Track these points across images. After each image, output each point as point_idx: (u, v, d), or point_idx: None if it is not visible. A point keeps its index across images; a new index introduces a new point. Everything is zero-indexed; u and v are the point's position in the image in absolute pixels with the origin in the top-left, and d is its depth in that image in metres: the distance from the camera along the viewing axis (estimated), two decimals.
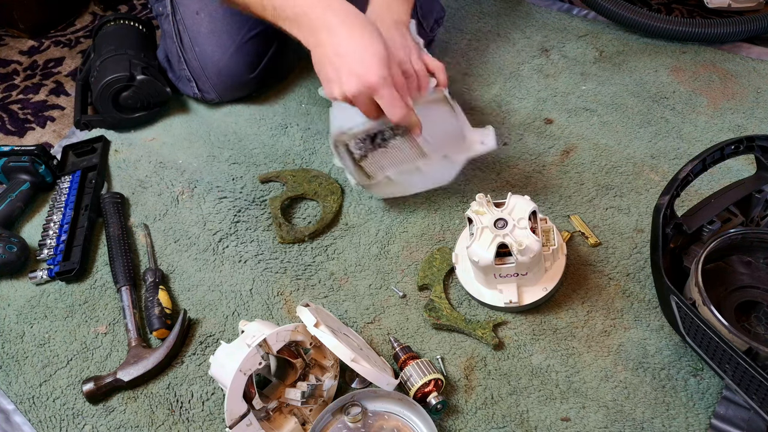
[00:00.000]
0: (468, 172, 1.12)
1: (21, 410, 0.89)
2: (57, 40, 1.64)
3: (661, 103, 1.21)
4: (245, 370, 0.75)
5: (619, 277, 0.95)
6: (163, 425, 0.86)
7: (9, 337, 0.98)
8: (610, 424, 0.80)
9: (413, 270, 0.99)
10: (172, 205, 1.13)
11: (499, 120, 1.20)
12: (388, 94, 0.84)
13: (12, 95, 1.48)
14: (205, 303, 0.99)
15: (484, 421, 0.82)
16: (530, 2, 1.49)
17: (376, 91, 0.84)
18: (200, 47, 1.22)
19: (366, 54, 0.83)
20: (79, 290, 1.03)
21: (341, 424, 0.80)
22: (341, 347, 0.78)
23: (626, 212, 1.03)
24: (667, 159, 1.10)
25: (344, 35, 0.84)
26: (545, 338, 0.89)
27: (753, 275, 0.83)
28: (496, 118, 1.21)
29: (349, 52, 0.84)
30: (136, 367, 0.89)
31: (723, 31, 1.27)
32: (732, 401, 0.76)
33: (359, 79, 0.83)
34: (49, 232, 1.09)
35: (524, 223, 0.86)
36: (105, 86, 1.21)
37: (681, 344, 0.86)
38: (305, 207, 1.11)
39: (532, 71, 1.31)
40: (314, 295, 0.98)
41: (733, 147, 0.83)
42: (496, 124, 1.18)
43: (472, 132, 1.00)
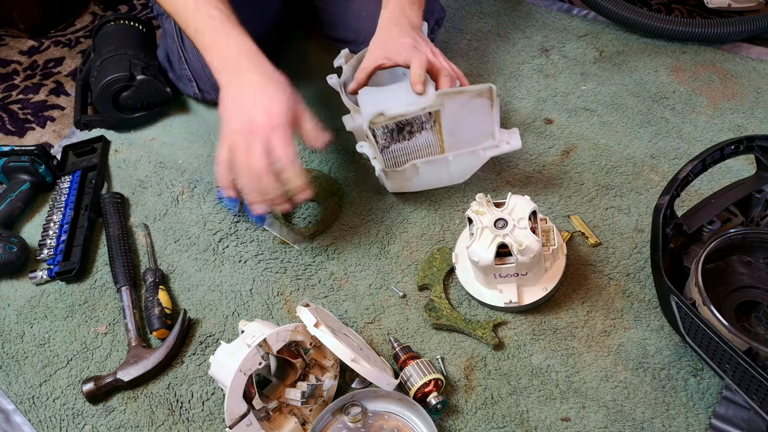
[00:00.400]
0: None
1: (21, 410, 0.89)
2: (57, 40, 1.64)
3: (661, 103, 1.21)
4: (245, 370, 0.75)
5: (619, 277, 0.95)
6: (163, 425, 0.86)
7: (9, 337, 0.98)
8: (610, 424, 0.80)
9: (413, 270, 0.99)
10: (172, 205, 1.14)
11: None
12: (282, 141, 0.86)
13: (12, 95, 1.48)
14: (205, 303, 0.99)
15: (484, 421, 0.82)
16: (530, 2, 1.49)
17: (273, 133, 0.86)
18: None
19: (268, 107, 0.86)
20: (79, 290, 1.03)
21: (341, 424, 0.80)
22: (341, 347, 0.78)
23: (626, 212, 1.03)
24: (667, 159, 1.10)
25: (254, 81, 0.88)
26: (545, 338, 0.89)
27: (753, 275, 0.83)
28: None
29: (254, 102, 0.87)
30: (136, 367, 0.89)
31: (723, 31, 1.27)
32: (732, 401, 0.76)
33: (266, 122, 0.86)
34: (49, 232, 1.09)
35: (524, 223, 0.86)
36: (105, 86, 1.21)
37: (681, 344, 0.86)
38: (305, 207, 1.11)
39: (532, 71, 1.32)
40: (314, 295, 0.98)
41: (733, 147, 0.83)
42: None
43: (499, 131, 1.00)
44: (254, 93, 0.88)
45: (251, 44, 0.93)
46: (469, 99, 0.96)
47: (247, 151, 0.86)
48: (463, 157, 1.02)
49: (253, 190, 0.89)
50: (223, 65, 0.91)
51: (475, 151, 1.02)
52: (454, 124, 0.98)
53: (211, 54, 0.93)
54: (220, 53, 0.92)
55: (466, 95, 0.95)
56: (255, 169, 0.86)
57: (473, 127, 0.99)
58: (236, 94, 0.89)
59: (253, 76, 0.89)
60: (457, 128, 0.99)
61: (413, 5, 1.04)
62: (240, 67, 0.90)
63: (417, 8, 1.05)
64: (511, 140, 1.01)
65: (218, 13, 0.93)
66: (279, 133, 0.86)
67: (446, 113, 0.97)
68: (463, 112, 0.97)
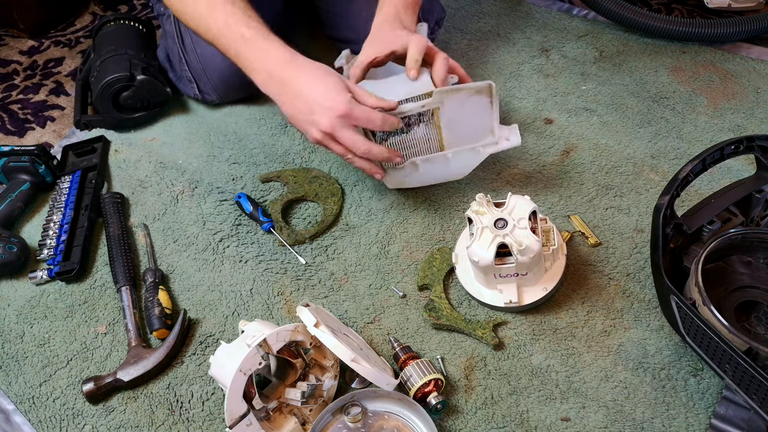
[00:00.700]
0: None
1: (21, 410, 0.89)
2: (57, 40, 1.64)
3: (661, 103, 1.21)
4: (245, 370, 0.75)
5: (619, 277, 0.95)
6: (163, 425, 0.86)
7: (9, 337, 0.98)
8: (610, 424, 0.80)
9: (413, 270, 0.99)
10: (172, 205, 1.14)
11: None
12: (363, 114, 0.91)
13: (12, 95, 1.48)
14: (205, 303, 0.99)
15: (484, 421, 0.82)
16: (530, 2, 1.49)
17: (349, 116, 0.90)
18: (202, 49, 1.22)
19: (329, 90, 0.90)
20: (79, 290, 1.03)
21: (341, 424, 0.80)
22: (341, 347, 0.78)
23: (626, 212, 1.03)
24: (667, 159, 1.10)
25: (305, 82, 0.92)
26: (545, 338, 0.89)
27: (753, 275, 0.83)
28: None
29: (314, 101, 0.91)
30: (136, 367, 0.89)
31: (723, 31, 1.27)
32: (732, 401, 0.76)
33: (332, 112, 0.90)
34: (49, 232, 1.09)
35: (524, 223, 0.86)
36: (105, 86, 1.21)
37: (681, 344, 0.86)
38: (306, 207, 1.11)
39: (532, 71, 1.32)
40: (314, 295, 0.98)
41: (733, 147, 0.83)
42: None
43: (499, 128, 1.00)
44: (316, 88, 0.91)
45: (289, 52, 0.95)
46: (468, 96, 0.95)
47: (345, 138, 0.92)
48: (462, 154, 1.02)
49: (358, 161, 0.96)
50: (269, 81, 0.95)
51: (475, 148, 1.01)
52: (452, 121, 0.98)
53: (257, 73, 0.96)
54: (264, 72, 0.95)
55: (465, 93, 0.95)
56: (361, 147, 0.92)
57: (472, 123, 0.99)
58: (300, 99, 0.93)
59: (306, 76, 0.93)
60: (456, 124, 0.99)
61: (407, 9, 1.04)
62: (285, 79, 0.94)
63: (411, 13, 1.05)
64: (511, 137, 1.01)
65: (251, 32, 0.96)
66: (355, 115, 0.90)
67: (445, 110, 0.97)
68: (462, 110, 0.97)
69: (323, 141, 0.94)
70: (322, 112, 0.90)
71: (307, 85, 0.92)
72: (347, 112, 0.90)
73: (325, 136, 0.93)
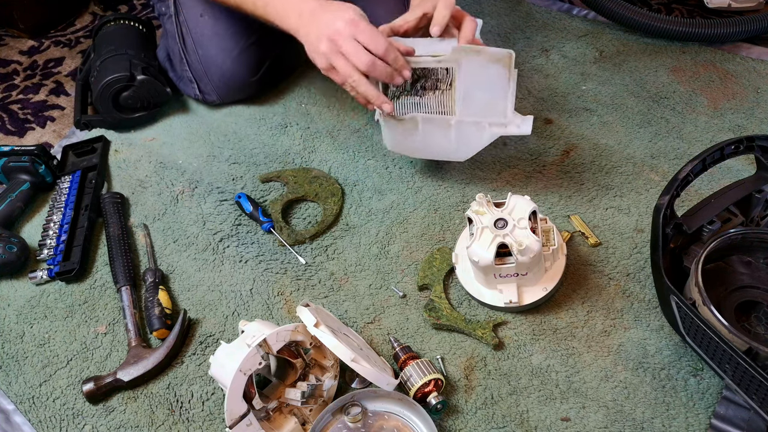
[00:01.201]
0: (468, 172, 1.12)
1: (21, 410, 0.89)
2: (57, 40, 1.64)
3: (661, 103, 1.21)
4: (245, 370, 0.75)
5: (619, 277, 0.95)
6: (163, 425, 0.86)
7: (9, 337, 0.98)
8: (610, 424, 0.80)
9: (413, 270, 0.99)
10: (172, 205, 1.14)
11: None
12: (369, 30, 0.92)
13: (12, 95, 1.48)
14: (205, 303, 0.99)
15: (484, 421, 0.82)
16: (530, 2, 1.49)
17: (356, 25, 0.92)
18: (203, 50, 1.22)
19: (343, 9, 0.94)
20: (79, 290, 1.03)
21: (341, 424, 0.80)
22: (341, 347, 0.78)
23: (626, 212, 1.03)
24: (667, 159, 1.10)
25: (320, 13, 0.95)
26: (545, 338, 0.89)
27: (753, 275, 0.83)
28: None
29: (326, 17, 0.94)
30: (136, 367, 0.89)
31: (723, 31, 1.27)
32: (732, 401, 0.76)
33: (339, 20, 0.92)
34: (49, 232, 1.09)
35: (524, 223, 0.86)
36: (105, 86, 1.21)
37: (681, 344, 0.86)
38: (306, 207, 1.11)
39: (532, 71, 1.31)
40: (314, 295, 0.98)
41: (733, 147, 0.83)
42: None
43: (512, 112, 0.98)
44: (328, 14, 0.95)
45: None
46: (486, 63, 0.93)
47: (344, 55, 0.93)
48: (466, 127, 0.99)
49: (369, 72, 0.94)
50: (300, 20, 0.98)
51: (481, 123, 0.99)
52: (468, 90, 0.96)
53: (287, 17, 1.00)
54: (294, 13, 0.98)
55: (484, 57, 0.93)
56: (362, 61, 0.92)
57: (488, 96, 0.97)
58: (315, 27, 0.95)
59: (327, 7, 0.96)
60: (471, 95, 0.97)
61: None
62: (312, 12, 0.96)
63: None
64: (523, 125, 0.97)
65: None
66: (360, 25, 0.93)
67: (462, 75, 0.95)
68: (479, 78, 0.95)
69: (329, 55, 0.94)
70: (330, 22, 0.93)
71: (327, 12, 0.95)
72: (354, 20, 0.92)
73: (331, 45, 0.93)
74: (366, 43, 0.92)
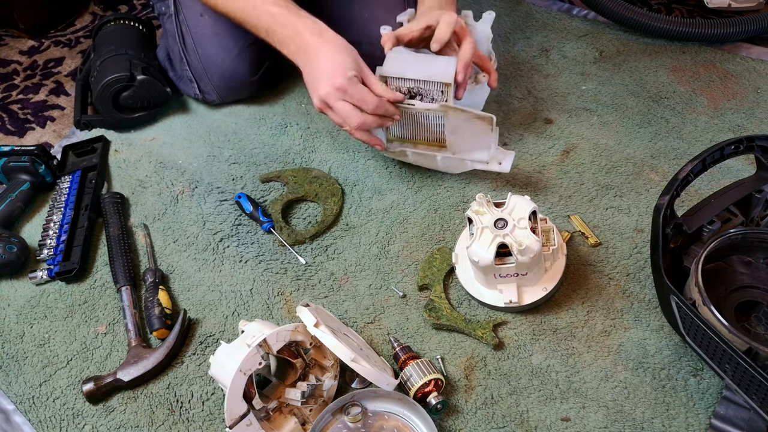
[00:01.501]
0: (468, 172, 1.12)
1: (21, 410, 0.89)
2: (57, 40, 1.64)
3: (661, 103, 1.21)
4: (245, 370, 0.75)
5: (619, 277, 0.95)
6: (163, 425, 0.86)
7: (9, 337, 0.98)
8: (610, 424, 0.80)
9: (413, 270, 0.99)
10: (172, 205, 1.14)
11: (499, 120, 1.19)
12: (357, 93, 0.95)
13: (12, 95, 1.48)
14: (205, 303, 0.99)
15: (484, 421, 0.82)
16: (530, 2, 1.49)
17: (344, 91, 0.95)
18: (203, 49, 1.22)
19: (336, 64, 0.96)
20: (79, 290, 1.03)
21: (341, 424, 0.80)
22: (341, 347, 0.78)
23: (626, 212, 1.03)
24: (667, 159, 1.10)
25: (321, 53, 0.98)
26: (545, 338, 0.89)
27: (753, 275, 0.83)
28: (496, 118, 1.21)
29: (320, 70, 0.97)
30: (136, 367, 0.89)
31: (723, 31, 1.27)
32: (732, 401, 0.76)
33: (330, 84, 0.96)
34: (49, 232, 1.09)
35: (524, 223, 0.86)
36: (105, 86, 1.21)
37: (681, 344, 0.86)
38: (306, 207, 1.11)
39: (532, 71, 1.31)
40: (314, 295, 0.98)
41: (733, 147, 0.83)
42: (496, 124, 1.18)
43: (496, 148, 1.03)
44: (324, 61, 0.97)
45: (314, 24, 1.02)
46: (471, 118, 0.99)
47: (336, 110, 0.97)
48: (451, 160, 1.06)
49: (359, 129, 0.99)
50: (298, 52, 1.01)
51: (464, 160, 1.06)
52: (456, 129, 1.02)
53: (287, 47, 1.03)
54: (293, 45, 1.02)
55: (467, 115, 0.99)
56: (353, 120, 0.97)
57: (474, 137, 1.02)
58: (311, 71, 0.99)
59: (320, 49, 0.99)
60: (459, 133, 1.02)
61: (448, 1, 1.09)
62: (309, 48, 0.99)
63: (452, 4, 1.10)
64: (504, 162, 1.04)
65: (278, 9, 1.03)
66: (352, 83, 0.95)
67: (449, 122, 1.01)
68: (465, 125, 1.01)
69: (322, 109, 0.99)
70: (323, 81, 0.96)
71: (323, 56, 0.98)
72: (342, 86, 0.95)
73: (323, 104, 0.98)
74: (357, 103, 0.96)
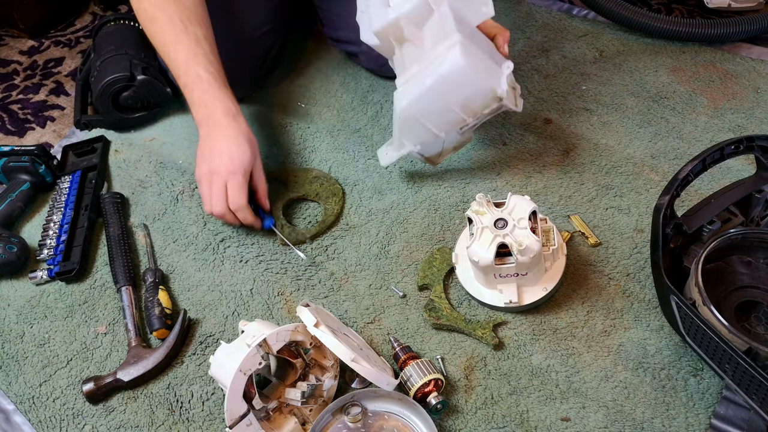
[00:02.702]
0: (468, 172, 1.12)
1: (21, 410, 0.89)
2: (57, 40, 1.64)
3: (661, 103, 1.21)
4: (245, 370, 0.75)
5: (619, 277, 0.95)
6: (163, 425, 0.86)
7: (9, 337, 0.98)
8: (610, 424, 0.80)
9: (413, 270, 0.99)
10: (172, 205, 1.14)
11: (499, 120, 1.20)
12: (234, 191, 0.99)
13: (12, 95, 1.48)
14: (205, 303, 0.99)
15: (484, 421, 0.82)
16: (530, 2, 1.49)
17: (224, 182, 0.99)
18: None
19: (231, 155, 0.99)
20: (79, 290, 1.03)
21: (341, 424, 0.80)
22: (341, 347, 0.78)
23: (626, 212, 1.03)
24: (667, 159, 1.10)
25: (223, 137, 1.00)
26: (545, 338, 0.89)
27: (753, 275, 0.83)
28: (496, 118, 1.20)
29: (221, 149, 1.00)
30: (136, 367, 0.89)
31: (723, 31, 1.27)
32: (732, 401, 0.76)
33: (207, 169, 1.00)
34: (49, 232, 1.09)
35: (524, 223, 0.86)
36: (105, 86, 1.21)
37: (681, 344, 0.86)
38: (306, 207, 1.11)
39: (532, 71, 1.31)
40: (314, 295, 0.98)
41: (733, 147, 0.83)
42: (496, 124, 1.19)
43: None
44: (225, 143, 1.00)
45: (233, 106, 1.04)
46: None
47: (210, 190, 1.00)
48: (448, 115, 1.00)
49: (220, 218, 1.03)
50: (205, 121, 1.03)
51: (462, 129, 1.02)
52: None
53: (197, 110, 1.03)
54: (204, 111, 1.03)
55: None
56: (216, 207, 1.00)
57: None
58: (210, 143, 1.01)
59: (228, 131, 1.01)
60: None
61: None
62: (219, 124, 1.01)
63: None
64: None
65: (207, 75, 1.02)
66: (236, 178, 0.99)
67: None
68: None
69: (199, 181, 1.02)
70: (213, 162, 0.99)
71: (224, 140, 1.00)
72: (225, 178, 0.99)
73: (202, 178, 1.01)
74: (228, 194, 0.99)
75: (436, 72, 0.93)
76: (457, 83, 0.94)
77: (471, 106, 0.98)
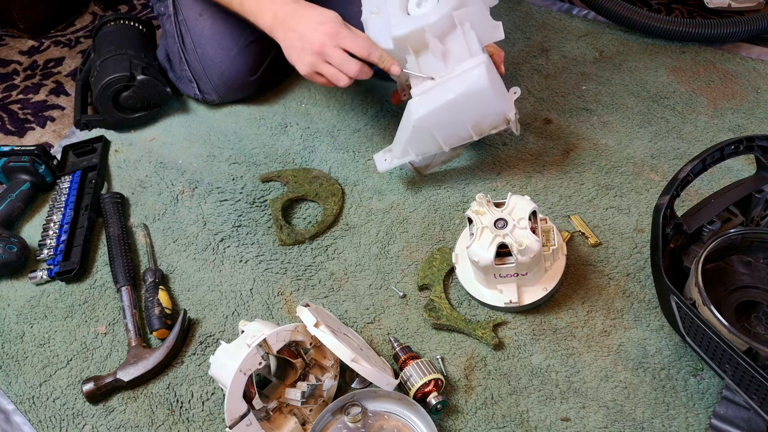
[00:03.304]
0: (468, 172, 1.12)
1: (21, 410, 0.89)
2: (57, 40, 1.64)
3: (661, 103, 1.21)
4: (245, 370, 0.75)
5: (619, 277, 0.95)
6: (163, 425, 0.86)
7: (9, 337, 0.98)
8: (610, 424, 0.80)
9: (413, 270, 0.99)
10: (172, 205, 1.14)
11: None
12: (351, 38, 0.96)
13: (12, 95, 1.48)
14: (205, 303, 0.99)
15: (484, 421, 0.82)
16: (530, 2, 1.49)
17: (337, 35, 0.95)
18: (203, 49, 1.22)
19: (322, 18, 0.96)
20: (79, 290, 1.03)
21: (341, 424, 0.80)
22: (341, 347, 0.78)
23: (626, 212, 1.03)
24: (667, 159, 1.10)
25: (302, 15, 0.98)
26: (545, 338, 0.89)
27: (753, 275, 0.83)
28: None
29: (306, 26, 0.97)
30: (136, 367, 0.89)
31: (723, 31, 1.27)
32: (732, 401, 0.76)
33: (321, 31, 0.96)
34: (49, 232, 1.09)
35: (524, 223, 0.86)
36: (105, 86, 1.21)
37: (681, 344, 0.86)
38: (306, 207, 1.11)
39: (532, 71, 1.31)
40: (314, 295, 0.98)
41: (733, 147, 0.83)
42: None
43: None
44: (307, 23, 0.97)
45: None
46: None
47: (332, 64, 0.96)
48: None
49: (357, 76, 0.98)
50: (275, 21, 1.02)
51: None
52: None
53: (262, 18, 1.03)
54: (269, 14, 1.02)
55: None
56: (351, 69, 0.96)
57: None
58: (296, 35, 0.98)
59: (301, 12, 0.98)
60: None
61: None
62: (289, 13, 0.99)
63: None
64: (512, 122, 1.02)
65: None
66: (342, 33, 0.95)
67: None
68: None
69: (315, 65, 0.97)
70: (312, 34, 0.96)
71: (306, 16, 0.98)
72: (335, 32, 0.95)
73: (316, 57, 0.97)
74: (351, 48, 0.95)
75: (460, 88, 0.96)
76: (476, 102, 0.97)
77: (482, 125, 1.01)
